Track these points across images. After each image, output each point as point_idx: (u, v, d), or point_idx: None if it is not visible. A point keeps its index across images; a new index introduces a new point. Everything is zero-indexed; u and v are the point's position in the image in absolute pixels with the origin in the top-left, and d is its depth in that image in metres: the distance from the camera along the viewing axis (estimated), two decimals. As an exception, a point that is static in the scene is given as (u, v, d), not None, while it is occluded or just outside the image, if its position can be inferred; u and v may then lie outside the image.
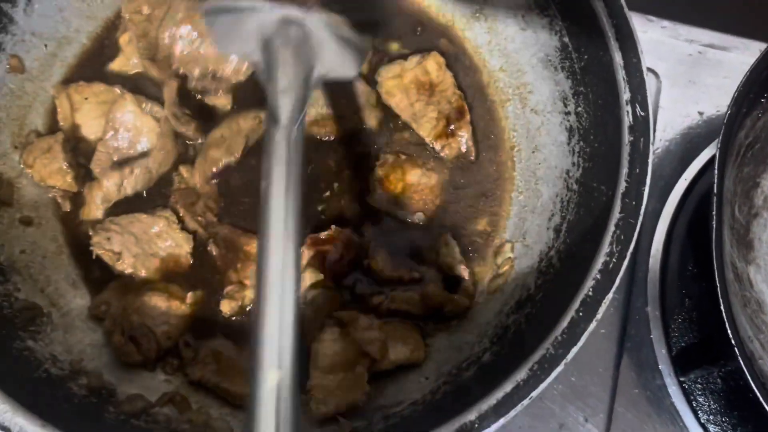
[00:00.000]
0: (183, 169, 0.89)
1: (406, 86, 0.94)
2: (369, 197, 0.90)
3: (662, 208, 1.01)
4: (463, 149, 0.93)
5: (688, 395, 0.92)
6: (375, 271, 0.86)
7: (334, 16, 0.73)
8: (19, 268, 0.82)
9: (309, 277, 0.83)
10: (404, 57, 0.95)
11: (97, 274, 0.85)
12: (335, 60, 0.73)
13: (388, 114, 0.95)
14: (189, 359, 0.81)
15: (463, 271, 0.86)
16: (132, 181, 0.86)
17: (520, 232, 0.89)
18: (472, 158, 0.93)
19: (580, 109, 0.85)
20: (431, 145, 0.93)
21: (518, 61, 0.94)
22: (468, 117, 0.93)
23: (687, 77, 1.09)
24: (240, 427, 0.77)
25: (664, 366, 0.93)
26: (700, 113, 1.08)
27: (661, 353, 0.94)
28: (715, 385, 0.93)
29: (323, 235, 0.85)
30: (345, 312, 0.83)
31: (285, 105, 0.65)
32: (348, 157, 0.93)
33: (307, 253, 0.85)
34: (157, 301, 0.82)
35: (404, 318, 0.85)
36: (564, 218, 0.83)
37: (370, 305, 0.85)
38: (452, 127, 0.93)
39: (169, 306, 0.82)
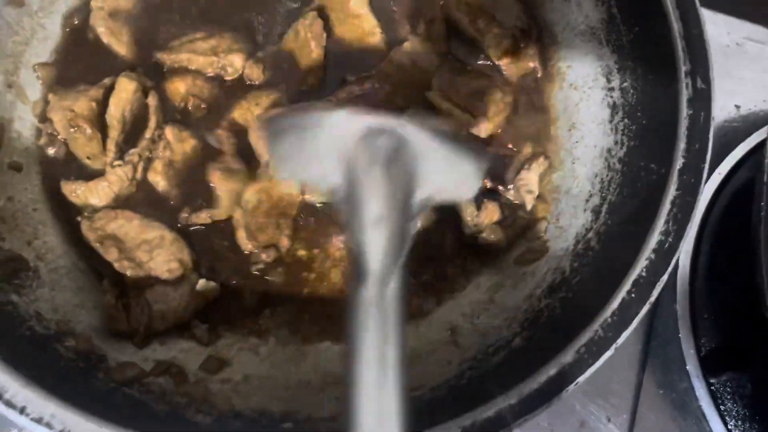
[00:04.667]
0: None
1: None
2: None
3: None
4: (531, 66, 0.88)
5: (716, 399, 0.86)
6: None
7: (438, 121, 0.59)
8: (4, 216, 0.74)
9: None
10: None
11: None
12: (443, 177, 0.55)
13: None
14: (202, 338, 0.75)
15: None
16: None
17: (553, 213, 0.83)
18: (539, 75, 0.88)
19: (626, 84, 0.79)
20: (496, 63, 0.87)
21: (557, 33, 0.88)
22: (535, 35, 0.88)
23: (724, 69, 1.04)
24: (241, 400, 0.70)
25: (692, 367, 0.88)
26: (737, 106, 1.03)
27: (689, 353, 0.88)
28: (745, 389, 0.87)
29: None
30: None
31: (375, 243, 0.48)
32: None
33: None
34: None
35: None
36: (604, 199, 0.77)
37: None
38: (521, 45, 0.86)
39: (175, 287, 0.75)
